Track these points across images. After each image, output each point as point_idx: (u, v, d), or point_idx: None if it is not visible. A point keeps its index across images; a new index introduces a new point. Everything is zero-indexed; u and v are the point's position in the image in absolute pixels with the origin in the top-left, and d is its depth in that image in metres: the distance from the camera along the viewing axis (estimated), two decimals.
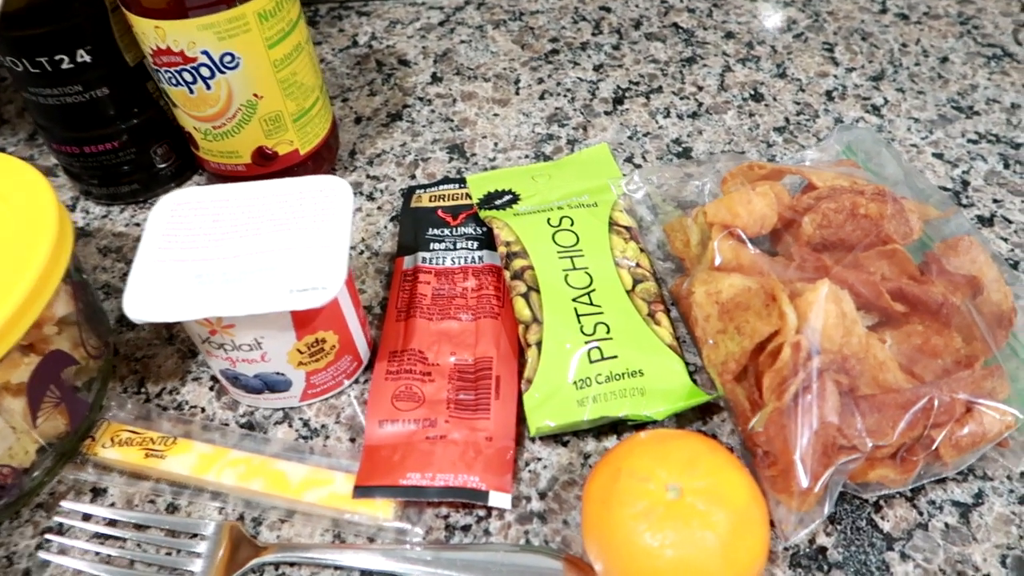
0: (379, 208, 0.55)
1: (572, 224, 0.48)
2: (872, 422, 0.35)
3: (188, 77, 0.47)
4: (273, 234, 0.40)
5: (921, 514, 0.38)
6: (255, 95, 0.48)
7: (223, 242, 0.40)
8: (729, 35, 0.67)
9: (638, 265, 0.46)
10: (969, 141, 0.57)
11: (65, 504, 0.40)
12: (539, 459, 0.41)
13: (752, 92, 0.62)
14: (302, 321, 0.39)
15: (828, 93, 0.61)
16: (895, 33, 0.67)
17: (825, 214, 0.42)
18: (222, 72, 0.46)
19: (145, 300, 0.37)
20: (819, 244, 0.43)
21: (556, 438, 0.42)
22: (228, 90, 0.47)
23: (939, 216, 0.44)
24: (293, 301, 0.37)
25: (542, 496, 0.40)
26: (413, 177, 0.57)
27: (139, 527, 0.40)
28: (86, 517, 0.40)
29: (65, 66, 0.48)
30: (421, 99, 0.63)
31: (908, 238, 0.41)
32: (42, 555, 0.39)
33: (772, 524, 0.37)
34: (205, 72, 0.46)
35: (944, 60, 0.64)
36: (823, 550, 0.37)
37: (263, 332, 0.39)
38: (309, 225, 0.40)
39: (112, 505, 0.41)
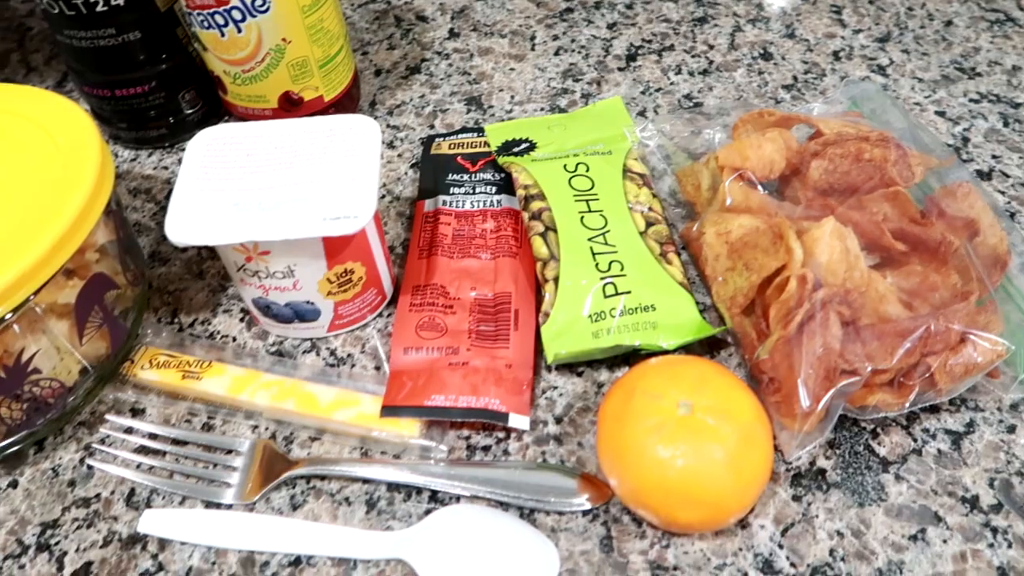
0: (399, 156, 0.57)
1: (587, 170, 0.50)
2: (872, 348, 0.37)
3: (220, 20, 0.48)
4: (305, 168, 0.42)
5: (915, 441, 0.41)
6: (284, 39, 0.50)
7: (257, 174, 0.42)
8: None
9: (650, 209, 0.48)
10: (971, 100, 0.59)
11: (110, 418, 0.42)
12: (555, 387, 0.44)
13: (761, 51, 0.64)
14: (333, 250, 0.41)
15: (835, 53, 0.63)
16: None
17: (831, 159, 0.44)
18: (253, 16, 0.48)
19: (186, 225, 0.39)
20: (825, 188, 0.45)
21: (571, 368, 0.44)
22: (258, 34, 0.49)
23: (940, 165, 0.46)
24: (326, 228, 0.39)
25: (558, 421, 0.42)
26: (432, 127, 0.59)
27: (178, 443, 0.42)
28: (128, 432, 0.42)
29: (100, 8, 0.50)
30: (439, 53, 0.65)
31: (910, 182, 0.43)
32: (90, 462, 0.41)
33: (776, 448, 0.39)
34: (237, 15, 0.48)
35: (948, 23, 0.66)
36: (822, 472, 0.40)
37: (296, 259, 0.41)
38: (339, 160, 0.42)
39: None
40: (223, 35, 0.49)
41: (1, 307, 0.36)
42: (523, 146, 0.53)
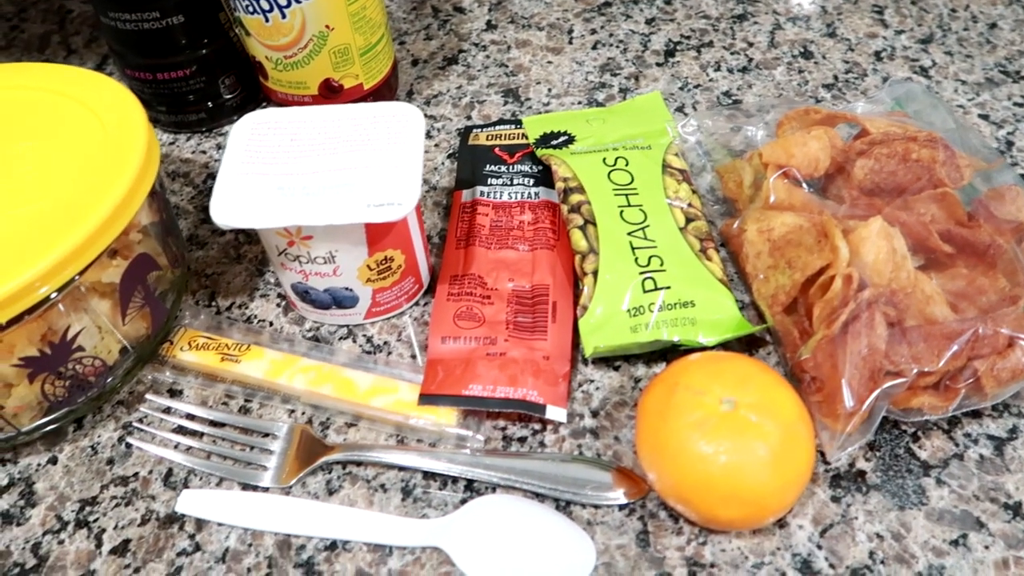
0: (436, 146, 0.57)
1: (627, 164, 0.50)
2: (918, 350, 0.37)
3: (265, 5, 0.48)
4: (349, 154, 0.42)
5: (957, 445, 0.40)
6: (327, 26, 0.50)
7: (301, 159, 0.42)
8: None
9: (690, 205, 0.48)
10: (1015, 104, 0.58)
11: (150, 397, 0.43)
12: (592, 381, 0.44)
13: (802, 50, 0.63)
14: (374, 237, 0.41)
15: (877, 53, 0.63)
16: None
17: (877, 158, 0.43)
18: (298, 2, 0.48)
19: (231, 208, 0.39)
20: (870, 188, 0.44)
21: (608, 362, 0.44)
22: (302, 20, 0.49)
23: (987, 167, 0.45)
24: (370, 214, 0.39)
25: (594, 414, 0.42)
26: (469, 118, 0.59)
27: (215, 425, 0.42)
28: (166, 412, 0.43)
29: None
30: (476, 45, 0.65)
31: (958, 184, 0.43)
32: (130, 440, 0.41)
33: (816, 448, 0.39)
34: (282, 1, 0.48)
35: (992, 26, 0.65)
36: (862, 473, 0.39)
37: (338, 245, 0.41)
38: (383, 147, 0.42)
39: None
40: (267, 20, 0.49)
41: (48, 286, 0.36)
42: (562, 139, 0.53)
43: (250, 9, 0.49)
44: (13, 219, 0.38)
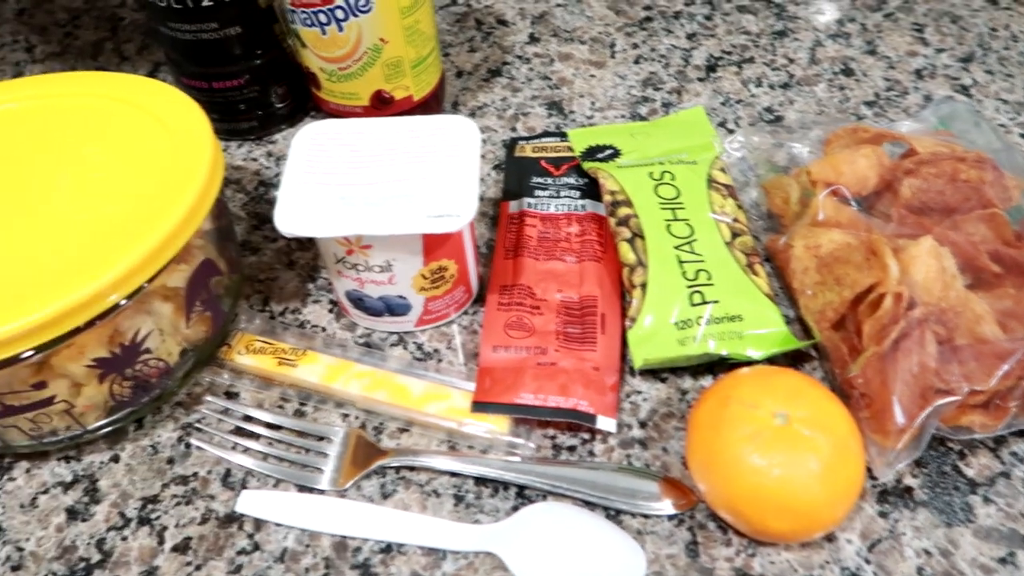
0: (482, 157, 0.58)
1: (673, 179, 0.51)
2: (969, 369, 0.37)
3: (323, 19, 0.50)
4: (407, 165, 0.43)
5: (1004, 464, 0.41)
6: (381, 39, 0.51)
7: (361, 170, 0.43)
8: (819, 11, 0.69)
9: (736, 220, 0.49)
10: None
11: (209, 398, 0.44)
12: (639, 392, 0.44)
13: (842, 67, 0.64)
14: (431, 247, 0.42)
15: (918, 72, 0.63)
16: (984, 18, 0.68)
17: (926, 178, 0.44)
18: (355, 15, 0.49)
19: (294, 216, 0.41)
20: (917, 207, 0.45)
21: (656, 374, 0.45)
22: (358, 33, 0.50)
23: None
24: (430, 224, 0.40)
25: (643, 425, 0.43)
26: (514, 130, 0.60)
27: (272, 427, 0.43)
28: (225, 413, 0.44)
29: (205, 3, 0.51)
30: (520, 57, 0.66)
31: (1007, 204, 0.43)
32: (191, 440, 0.42)
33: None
34: (340, 14, 0.49)
35: None
36: (909, 489, 0.40)
37: (395, 255, 0.42)
38: (440, 159, 0.43)
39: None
40: (324, 33, 0.50)
41: (118, 293, 0.37)
42: (607, 152, 0.54)
43: (308, 22, 0.50)
44: (84, 225, 0.39)
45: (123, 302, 0.38)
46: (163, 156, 0.42)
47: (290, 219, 0.40)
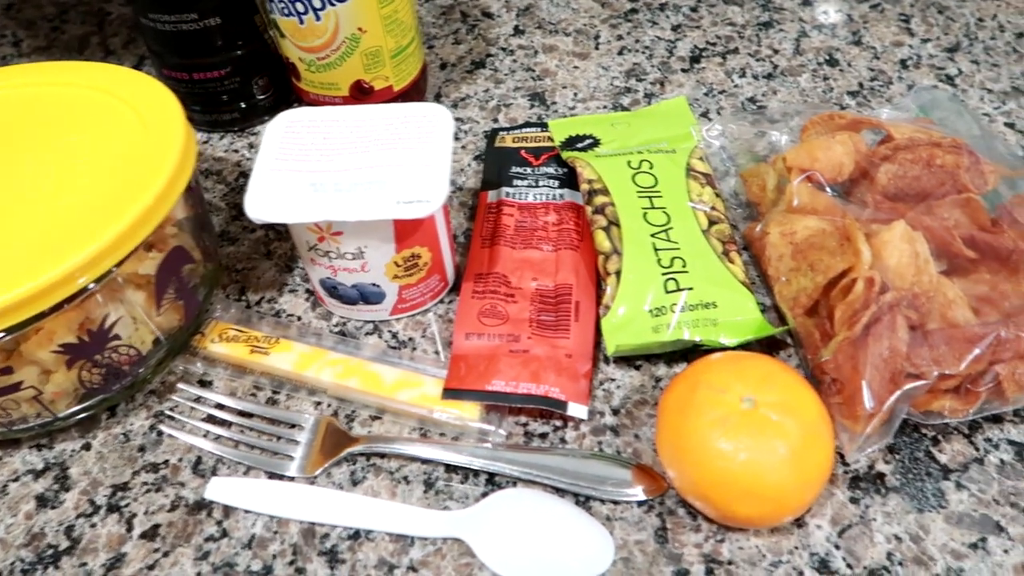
0: (463, 147, 0.58)
1: (651, 167, 0.50)
2: (940, 353, 0.37)
3: (300, 8, 0.50)
4: (379, 152, 0.43)
5: (977, 450, 0.40)
6: (359, 29, 0.51)
7: (333, 157, 0.43)
8: (805, 2, 0.69)
9: (713, 208, 0.49)
10: None
11: (182, 386, 0.44)
12: (613, 380, 0.44)
13: (827, 57, 0.63)
14: (403, 233, 0.42)
15: (903, 62, 0.63)
16: (971, 8, 0.68)
17: (902, 163, 0.44)
18: (332, 4, 0.49)
19: (265, 203, 0.40)
20: (894, 193, 0.44)
21: (629, 361, 0.45)
22: (336, 22, 0.50)
23: (1013, 174, 0.45)
24: (400, 210, 0.40)
25: (615, 412, 0.43)
26: (495, 121, 0.60)
27: (244, 415, 0.43)
28: (197, 401, 0.44)
29: None
30: (504, 49, 0.66)
31: (983, 189, 0.43)
32: (162, 427, 0.42)
33: (836, 450, 0.39)
34: (317, 3, 0.49)
35: (1020, 36, 0.65)
36: (881, 475, 0.40)
37: (367, 242, 0.42)
38: (413, 146, 0.43)
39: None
40: (302, 22, 0.50)
41: (87, 276, 0.37)
42: (587, 142, 0.54)
43: (285, 11, 0.50)
44: (55, 210, 0.39)
45: (91, 286, 0.38)
46: (135, 144, 0.42)
47: (260, 205, 0.40)
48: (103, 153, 0.42)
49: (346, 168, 0.42)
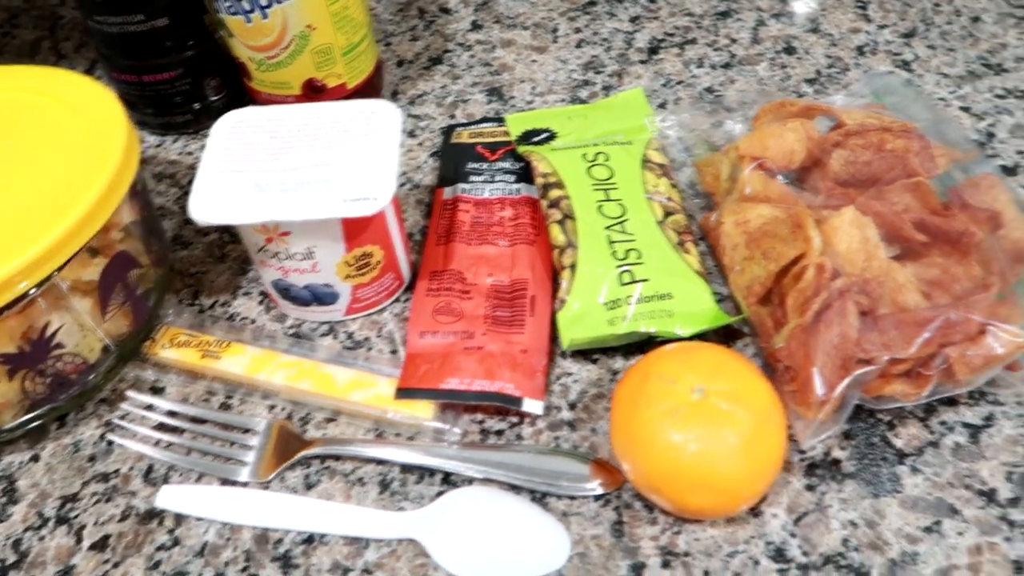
0: (420, 144, 0.57)
1: (607, 160, 0.50)
2: (890, 338, 0.37)
3: (246, 6, 0.49)
4: (326, 151, 0.42)
5: (932, 433, 0.40)
6: (308, 26, 0.50)
7: (279, 157, 0.42)
8: None
9: (669, 199, 0.48)
10: (996, 96, 0.58)
11: (131, 394, 0.43)
12: (570, 374, 0.44)
13: (785, 45, 0.63)
14: (352, 232, 0.42)
15: (859, 48, 0.63)
16: None
17: (852, 149, 0.44)
18: (279, 2, 0.49)
19: (209, 205, 0.40)
20: (846, 179, 0.44)
21: (586, 355, 0.45)
22: (283, 20, 0.50)
23: (963, 158, 0.45)
24: (346, 209, 0.39)
25: (572, 407, 0.42)
26: (453, 117, 0.59)
27: (196, 421, 0.42)
28: (148, 409, 0.43)
29: None
30: (461, 45, 0.65)
31: (932, 173, 0.43)
32: (111, 436, 0.42)
33: (791, 438, 0.39)
34: (263, 1, 0.48)
35: (976, 20, 0.65)
36: (837, 462, 0.39)
37: (315, 242, 0.41)
38: (360, 143, 0.42)
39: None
40: (249, 21, 0.50)
41: (26, 281, 0.37)
42: (543, 136, 0.53)
43: (232, 10, 0.50)
44: None
45: (32, 291, 0.37)
46: (77, 148, 0.41)
47: (204, 207, 0.40)
48: (43, 157, 0.41)
49: (292, 167, 0.41)
